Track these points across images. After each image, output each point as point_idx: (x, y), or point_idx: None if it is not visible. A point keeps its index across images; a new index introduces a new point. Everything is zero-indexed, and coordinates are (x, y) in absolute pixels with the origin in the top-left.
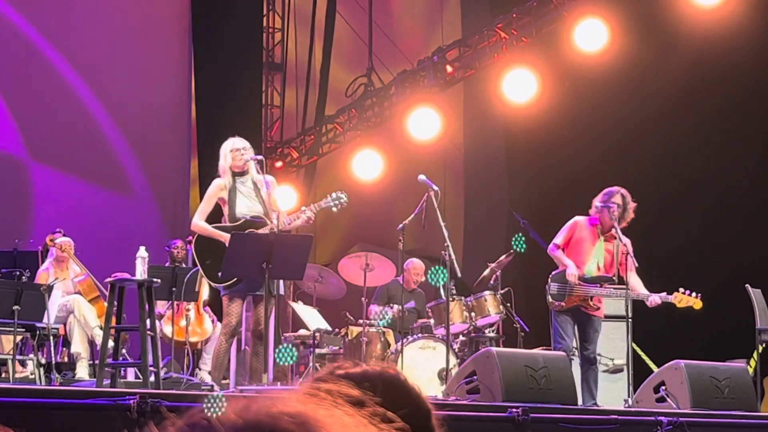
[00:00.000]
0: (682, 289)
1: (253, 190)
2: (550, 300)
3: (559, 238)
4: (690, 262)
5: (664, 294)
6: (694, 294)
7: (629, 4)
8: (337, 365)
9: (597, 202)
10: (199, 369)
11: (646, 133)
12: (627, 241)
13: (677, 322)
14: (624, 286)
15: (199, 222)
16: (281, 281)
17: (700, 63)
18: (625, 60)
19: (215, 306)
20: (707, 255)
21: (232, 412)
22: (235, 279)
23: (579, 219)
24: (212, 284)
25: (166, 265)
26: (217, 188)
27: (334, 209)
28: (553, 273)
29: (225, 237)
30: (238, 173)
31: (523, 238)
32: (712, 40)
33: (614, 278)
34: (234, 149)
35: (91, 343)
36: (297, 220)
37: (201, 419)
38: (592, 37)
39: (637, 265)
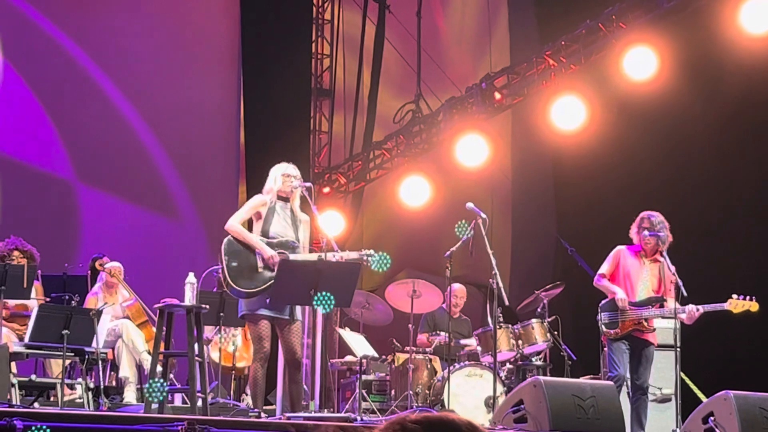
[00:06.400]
0: (735, 295)
1: (290, 217)
2: (604, 329)
3: (604, 268)
4: (738, 288)
5: (716, 304)
6: (748, 298)
7: (678, 32)
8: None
9: (643, 231)
10: (246, 394)
11: (694, 162)
12: (673, 268)
13: (726, 351)
14: (672, 305)
15: (236, 224)
16: (298, 307)
17: (749, 91)
18: (674, 87)
19: None
20: (753, 284)
21: None
22: (255, 289)
23: (622, 248)
24: (232, 288)
25: (214, 290)
26: (259, 202)
27: (364, 262)
28: (602, 303)
29: (260, 245)
30: (282, 198)
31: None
32: (762, 69)
33: (665, 298)
34: (285, 174)
35: (139, 367)
36: (333, 258)
37: None
38: (641, 65)
39: (685, 294)
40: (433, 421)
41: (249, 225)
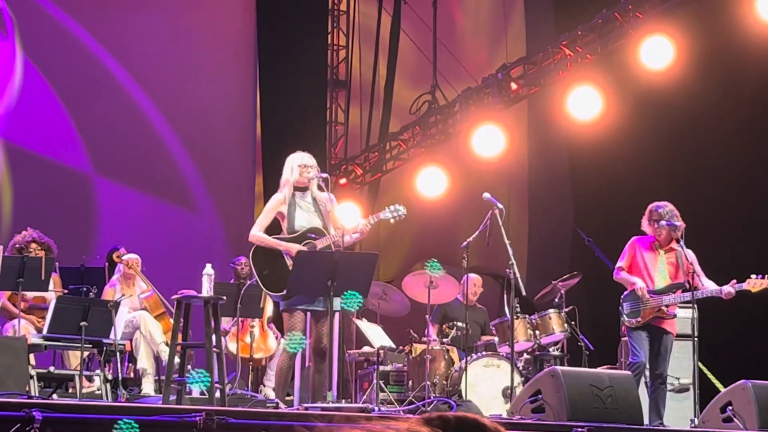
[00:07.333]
0: (753, 276)
1: (312, 205)
2: (626, 319)
3: (621, 262)
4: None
5: (735, 283)
6: (766, 277)
7: (695, 21)
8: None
9: (654, 222)
10: (264, 386)
11: (712, 151)
12: (692, 257)
13: (744, 340)
14: (692, 291)
15: (257, 233)
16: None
17: (766, 79)
18: (690, 77)
19: (279, 323)
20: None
21: None
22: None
23: (636, 239)
24: (270, 295)
25: (231, 281)
26: (276, 203)
27: (392, 221)
28: (624, 294)
29: (284, 245)
30: (299, 188)
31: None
32: None
33: (685, 284)
34: (303, 165)
35: (157, 359)
36: (354, 234)
37: None
38: (657, 54)
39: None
40: (466, 420)
41: (276, 226)
